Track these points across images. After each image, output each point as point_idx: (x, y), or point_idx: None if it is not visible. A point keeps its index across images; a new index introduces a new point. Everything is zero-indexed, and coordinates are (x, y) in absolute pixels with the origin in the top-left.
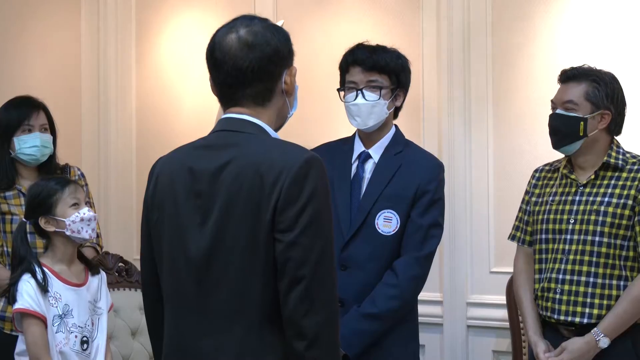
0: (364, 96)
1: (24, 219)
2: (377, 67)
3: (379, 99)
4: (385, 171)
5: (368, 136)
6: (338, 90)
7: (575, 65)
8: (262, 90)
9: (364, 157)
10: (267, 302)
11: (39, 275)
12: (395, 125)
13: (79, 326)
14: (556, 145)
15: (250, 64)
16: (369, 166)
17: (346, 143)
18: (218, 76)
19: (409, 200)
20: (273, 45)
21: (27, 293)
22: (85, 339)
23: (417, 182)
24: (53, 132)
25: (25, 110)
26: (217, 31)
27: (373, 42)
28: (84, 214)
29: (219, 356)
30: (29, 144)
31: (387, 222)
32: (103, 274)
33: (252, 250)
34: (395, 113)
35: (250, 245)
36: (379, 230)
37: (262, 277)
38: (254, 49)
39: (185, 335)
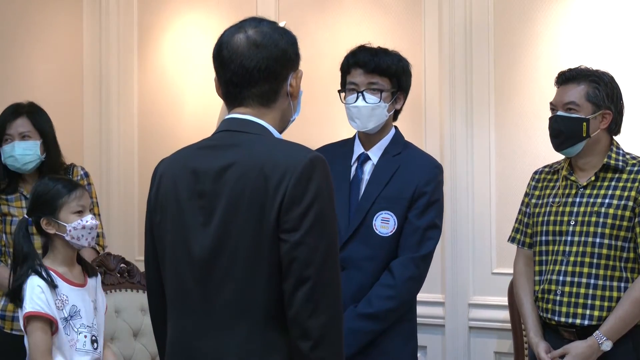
0: (364, 98)
1: (25, 216)
2: (378, 70)
3: (380, 101)
4: (384, 172)
5: (368, 138)
6: (339, 91)
7: (571, 67)
8: (268, 91)
9: (363, 158)
10: (272, 301)
11: (44, 274)
12: (395, 127)
13: (87, 326)
14: (558, 147)
15: (257, 64)
16: (368, 168)
17: (346, 145)
18: (224, 74)
19: (407, 201)
20: (281, 47)
21: (36, 296)
22: (94, 338)
23: (415, 184)
24: (44, 136)
25: (2, 120)
26: (225, 31)
27: (375, 44)
28: (87, 222)
29: (223, 355)
30: (7, 154)
31: (384, 223)
32: (98, 275)
33: (256, 250)
34: (395, 115)
35: (254, 245)
36: (377, 231)
37: (267, 276)
38: (262, 49)
39: (188, 334)
